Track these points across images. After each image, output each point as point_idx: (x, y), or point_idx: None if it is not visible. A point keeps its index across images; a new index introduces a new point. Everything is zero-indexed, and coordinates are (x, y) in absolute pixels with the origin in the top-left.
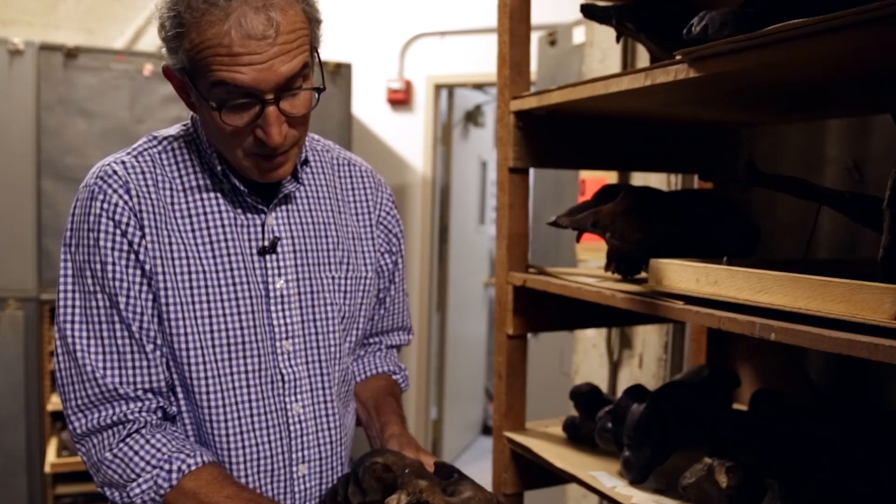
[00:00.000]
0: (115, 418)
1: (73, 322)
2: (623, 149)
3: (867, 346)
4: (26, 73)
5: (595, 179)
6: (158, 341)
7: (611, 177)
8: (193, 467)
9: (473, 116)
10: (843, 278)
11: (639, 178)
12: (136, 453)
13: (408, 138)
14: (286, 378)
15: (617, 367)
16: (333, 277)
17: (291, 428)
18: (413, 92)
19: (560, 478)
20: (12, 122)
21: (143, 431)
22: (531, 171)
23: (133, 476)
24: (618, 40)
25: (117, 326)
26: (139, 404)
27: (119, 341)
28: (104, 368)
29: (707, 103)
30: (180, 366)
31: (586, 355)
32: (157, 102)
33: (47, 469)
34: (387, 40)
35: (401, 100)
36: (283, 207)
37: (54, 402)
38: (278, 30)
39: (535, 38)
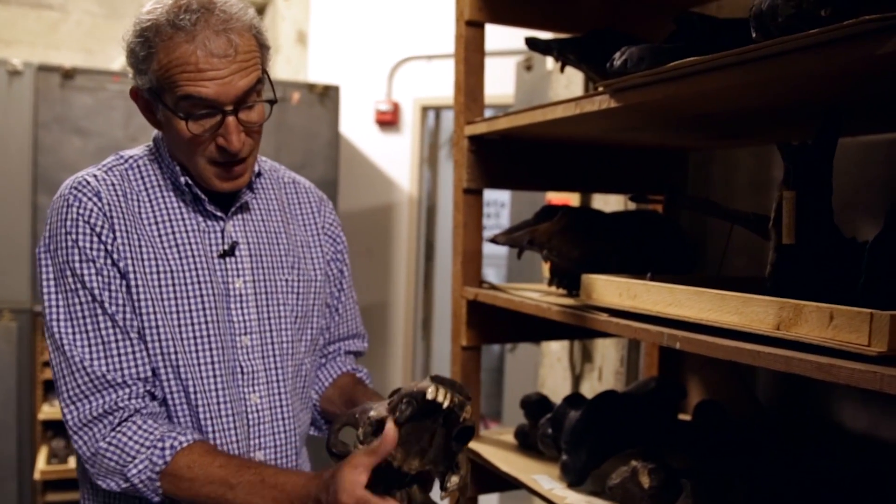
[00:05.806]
0: (105, 407)
1: (58, 319)
2: (576, 171)
3: (751, 354)
4: (24, 93)
5: (562, 201)
6: (138, 332)
7: (574, 198)
8: (185, 444)
9: None
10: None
11: (598, 199)
12: (130, 438)
13: (395, 158)
14: (245, 370)
15: (579, 380)
16: (287, 280)
17: (249, 417)
18: (400, 113)
19: (508, 482)
20: (10, 139)
21: (135, 418)
22: (509, 194)
23: (129, 459)
24: (562, 70)
25: (100, 319)
26: (127, 391)
27: (104, 332)
28: (91, 358)
29: (644, 129)
30: (153, 357)
31: (552, 369)
32: None
33: (37, 476)
34: (375, 63)
35: (388, 121)
36: (240, 216)
37: (46, 412)
38: (237, 49)
39: (513, 63)
